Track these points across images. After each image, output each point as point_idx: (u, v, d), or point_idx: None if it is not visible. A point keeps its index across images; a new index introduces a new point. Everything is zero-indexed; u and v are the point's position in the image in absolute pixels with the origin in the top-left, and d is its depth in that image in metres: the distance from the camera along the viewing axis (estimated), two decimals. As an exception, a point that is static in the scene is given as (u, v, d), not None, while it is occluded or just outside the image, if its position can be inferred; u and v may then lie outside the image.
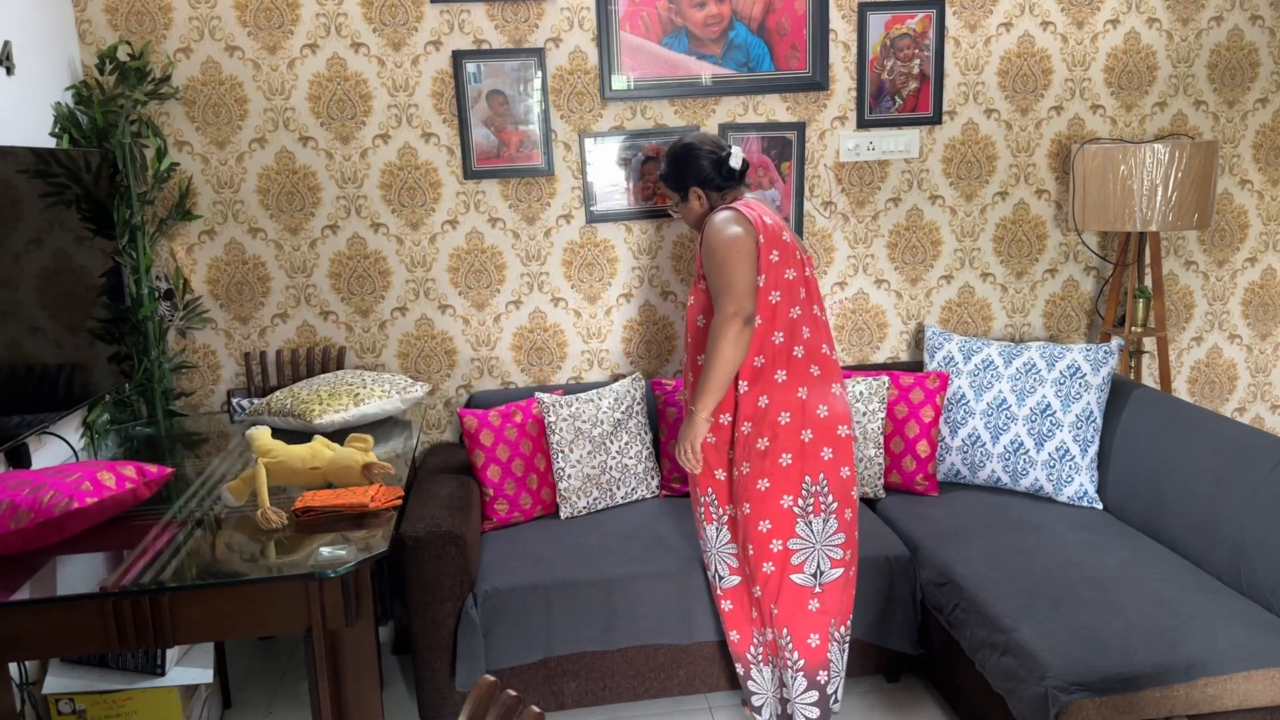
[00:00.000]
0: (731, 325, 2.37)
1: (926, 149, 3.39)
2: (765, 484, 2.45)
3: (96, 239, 2.75)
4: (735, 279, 2.39)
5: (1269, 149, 3.56)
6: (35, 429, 2.40)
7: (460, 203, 3.24)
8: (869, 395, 3.10)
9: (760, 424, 2.45)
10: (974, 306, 3.54)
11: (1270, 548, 2.37)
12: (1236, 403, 3.75)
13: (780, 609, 2.48)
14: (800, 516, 2.46)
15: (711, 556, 2.60)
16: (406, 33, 3.12)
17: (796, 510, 2.46)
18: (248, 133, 3.13)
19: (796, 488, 2.45)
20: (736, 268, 2.40)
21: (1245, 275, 3.65)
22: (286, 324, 3.26)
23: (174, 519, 2.18)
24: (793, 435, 2.45)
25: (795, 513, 2.46)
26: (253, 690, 2.98)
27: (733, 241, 2.41)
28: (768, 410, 2.45)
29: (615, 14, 3.16)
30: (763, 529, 2.46)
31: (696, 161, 2.58)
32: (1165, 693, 2.10)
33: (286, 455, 2.21)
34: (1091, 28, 3.39)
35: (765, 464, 2.45)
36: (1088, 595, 2.42)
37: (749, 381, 2.45)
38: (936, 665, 2.77)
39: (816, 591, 2.48)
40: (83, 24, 3.00)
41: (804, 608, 2.48)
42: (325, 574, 1.89)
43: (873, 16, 3.26)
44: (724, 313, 2.38)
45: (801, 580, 2.48)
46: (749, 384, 2.45)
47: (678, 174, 2.62)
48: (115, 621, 1.88)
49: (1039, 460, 3.03)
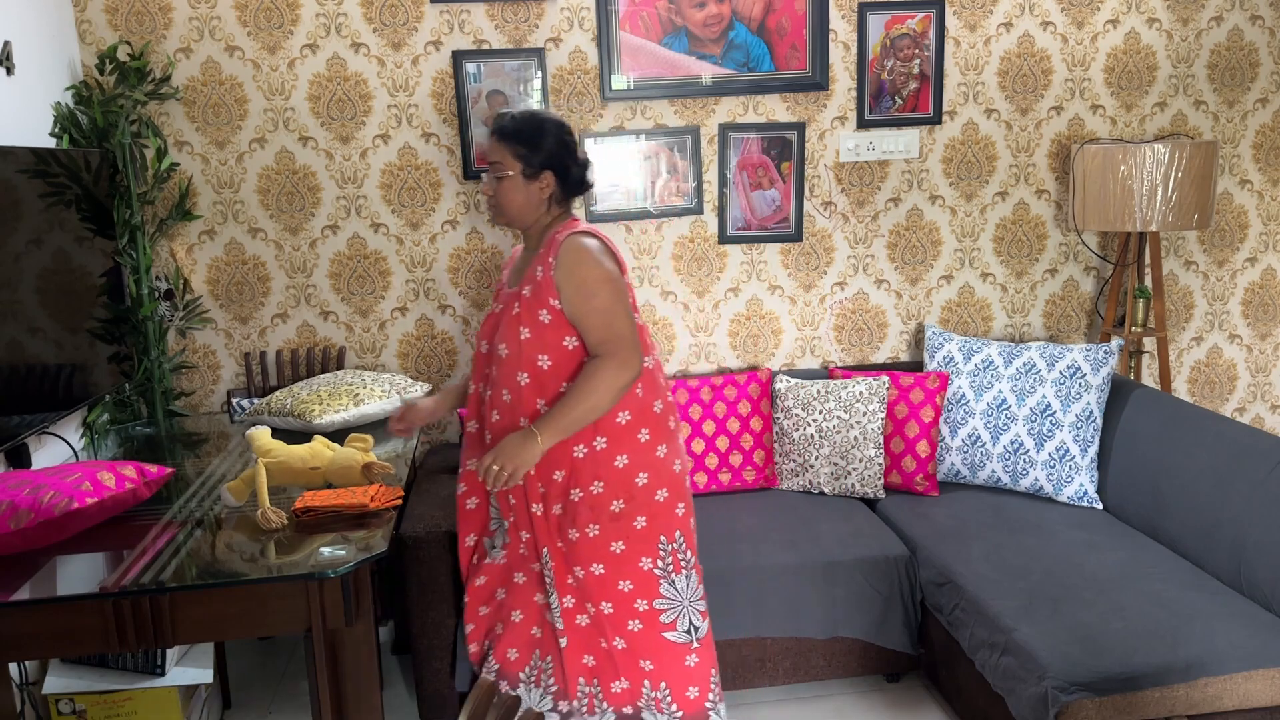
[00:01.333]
0: (621, 377, 2.07)
1: (926, 149, 3.39)
2: (620, 546, 2.19)
3: (96, 239, 2.75)
4: (625, 326, 2.09)
5: (1269, 149, 3.56)
6: (35, 429, 2.40)
7: (460, 203, 3.24)
8: (869, 395, 3.10)
9: (617, 486, 2.17)
10: (974, 306, 3.54)
11: (1270, 548, 2.37)
12: (1236, 403, 3.75)
13: (656, 664, 2.25)
14: (662, 578, 2.22)
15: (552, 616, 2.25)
16: (406, 33, 3.12)
17: (658, 572, 2.22)
18: (248, 133, 3.13)
19: (654, 550, 2.21)
20: (623, 311, 2.10)
21: (1245, 275, 3.65)
22: (286, 324, 3.26)
23: (174, 519, 2.18)
24: (649, 496, 2.20)
25: (656, 574, 2.22)
26: (253, 690, 2.98)
27: (615, 281, 2.11)
28: (626, 471, 2.17)
29: (615, 14, 3.16)
30: (624, 588, 2.21)
31: (562, 142, 2.16)
32: (1165, 693, 2.10)
33: (286, 455, 2.21)
34: (1091, 28, 3.39)
35: (619, 526, 2.18)
36: (1088, 595, 2.42)
37: (608, 439, 2.16)
38: (936, 665, 2.77)
39: (694, 647, 2.27)
40: (83, 24, 3.00)
41: (681, 663, 2.26)
42: (325, 574, 1.89)
43: (873, 16, 3.26)
44: (618, 361, 2.07)
45: (675, 638, 2.25)
46: (608, 441, 2.16)
47: (537, 144, 2.13)
48: (115, 621, 1.88)
49: (1039, 460, 3.03)
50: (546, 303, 2.11)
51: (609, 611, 2.22)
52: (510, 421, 2.17)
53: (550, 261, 2.11)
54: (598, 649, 2.25)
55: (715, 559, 2.73)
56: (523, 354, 2.13)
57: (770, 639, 2.75)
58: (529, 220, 2.20)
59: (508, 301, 2.19)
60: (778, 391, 3.22)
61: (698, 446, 3.16)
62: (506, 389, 2.16)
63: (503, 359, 2.15)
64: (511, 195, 2.15)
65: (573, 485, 2.18)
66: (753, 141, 3.30)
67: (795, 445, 3.15)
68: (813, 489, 3.15)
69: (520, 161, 2.13)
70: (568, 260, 2.09)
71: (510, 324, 2.14)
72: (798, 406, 3.15)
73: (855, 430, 3.08)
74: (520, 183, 2.14)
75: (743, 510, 3.03)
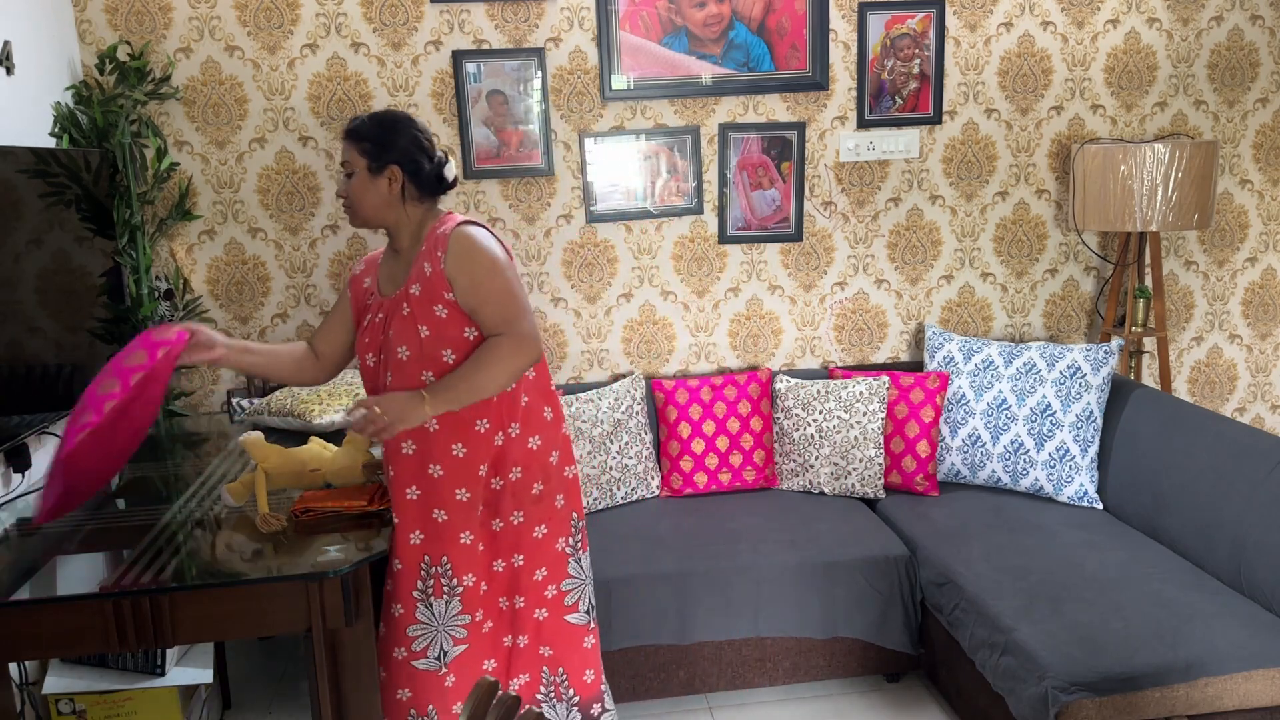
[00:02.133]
0: (519, 358, 2.03)
1: (926, 149, 3.39)
2: (543, 530, 2.19)
3: (96, 239, 2.75)
4: (521, 309, 2.06)
5: (1269, 149, 3.56)
6: (35, 429, 2.40)
7: (460, 203, 3.24)
8: (869, 395, 3.10)
9: (532, 467, 2.16)
10: (974, 306, 3.54)
11: (1270, 548, 2.37)
12: (1236, 403, 3.75)
13: (555, 649, 2.25)
14: (571, 555, 2.24)
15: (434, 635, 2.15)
16: (406, 33, 3.12)
17: (568, 551, 2.23)
18: (248, 132, 3.13)
19: (568, 528, 2.23)
20: (519, 295, 2.08)
21: (1245, 275, 3.65)
22: (286, 324, 3.26)
23: (174, 519, 2.18)
24: (560, 473, 2.22)
25: (567, 553, 2.23)
26: (253, 690, 2.98)
27: (508, 266, 2.09)
28: (539, 451, 2.17)
29: (615, 14, 3.16)
30: (539, 577, 2.21)
31: (411, 138, 2.11)
32: (1165, 693, 2.10)
33: (285, 459, 2.20)
34: (1091, 28, 3.39)
35: (540, 509, 2.18)
36: (1088, 595, 2.42)
37: (521, 424, 2.15)
38: (936, 665, 2.77)
39: (592, 627, 2.28)
40: (83, 24, 3.00)
41: (580, 645, 2.28)
42: (325, 574, 1.89)
43: (873, 16, 3.26)
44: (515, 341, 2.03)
45: (576, 619, 2.26)
46: (521, 426, 2.15)
47: (383, 141, 2.08)
48: (115, 621, 1.88)
49: (1039, 460, 3.03)
50: (441, 297, 2.05)
51: (520, 606, 2.20)
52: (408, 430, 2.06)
53: (439, 255, 2.06)
54: (500, 650, 2.21)
55: (715, 559, 2.73)
56: (424, 352, 2.06)
57: (770, 639, 2.75)
58: (388, 219, 2.13)
59: (392, 306, 2.11)
60: (778, 391, 3.22)
61: (698, 446, 3.16)
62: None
63: (403, 361, 2.08)
64: (361, 194, 2.10)
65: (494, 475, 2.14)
66: (753, 141, 3.30)
67: (795, 445, 3.15)
68: (813, 489, 3.15)
69: (365, 158, 2.08)
70: (458, 250, 2.05)
71: (405, 325, 2.07)
72: (798, 406, 3.15)
73: (855, 430, 3.08)
74: (367, 179, 2.09)
75: (743, 510, 3.03)
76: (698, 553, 2.76)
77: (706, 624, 2.68)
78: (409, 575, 2.13)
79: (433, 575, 2.13)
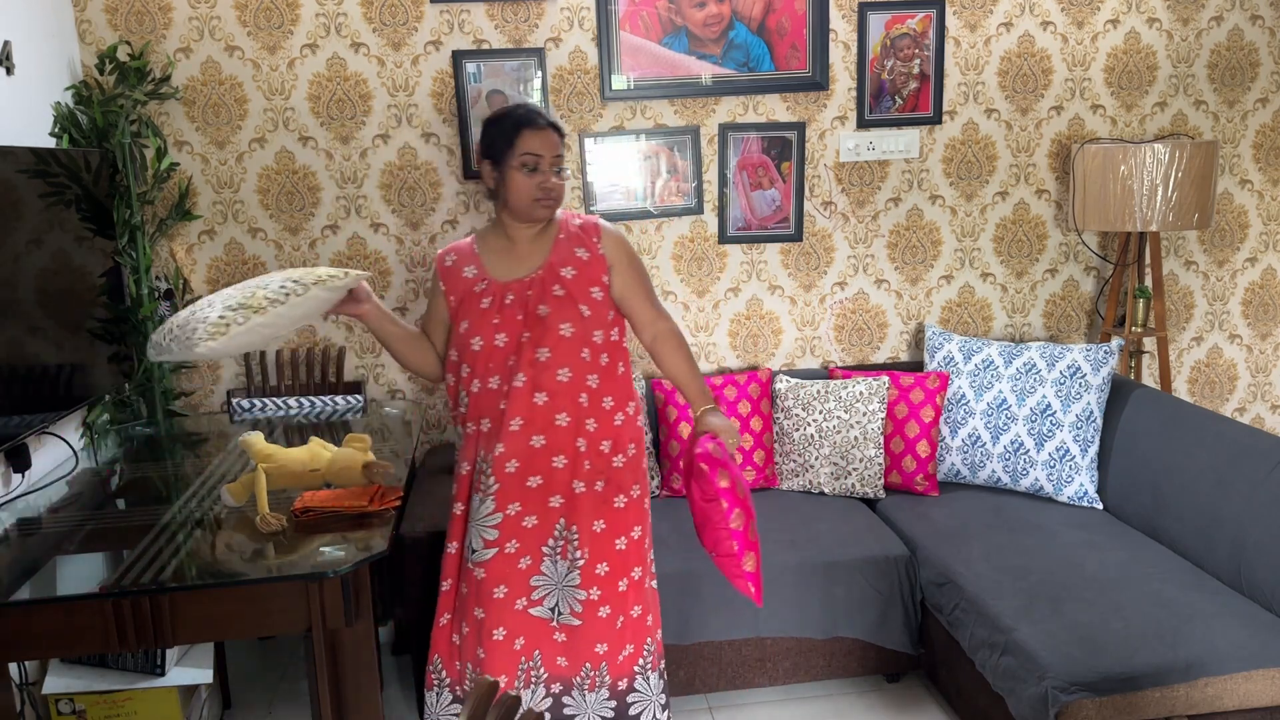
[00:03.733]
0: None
1: (926, 149, 3.39)
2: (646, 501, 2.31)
3: (96, 239, 2.75)
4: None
5: (1269, 149, 3.56)
6: (35, 429, 2.40)
7: (460, 203, 3.24)
8: (869, 395, 3.10)
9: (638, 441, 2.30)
10: (974, 306, 3.54)
11: (1270, 548, 2.37)
12: (1237, 403, 3.75)
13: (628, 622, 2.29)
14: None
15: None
16: (406, 33, 3.12)
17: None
18: (248, 133, 3.13)
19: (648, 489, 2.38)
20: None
21: (1245, 275, 3.65)
22: (286, 324, 3.26)
23: (174, 519, 2.18)
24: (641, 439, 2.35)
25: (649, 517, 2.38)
26: (253, 690, 2.98)
27: None
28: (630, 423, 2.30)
29: (615, 14, 3.16)
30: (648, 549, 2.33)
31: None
32: (1165, 693, 2.10)
33: (285, 459, 2.20)
34: (1091, 28, 3.39)
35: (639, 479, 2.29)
36: (1088, 595, 2.42)
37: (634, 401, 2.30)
38: (936, 665, 2.77)
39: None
40: (83, 24, 3.00)
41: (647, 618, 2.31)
42: (325, 574, 1.89)
43: (873, 16, 3.26)
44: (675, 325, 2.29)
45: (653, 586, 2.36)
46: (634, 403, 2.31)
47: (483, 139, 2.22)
48: (115, 621, 1.88)
49: (1039, 460, 3.03)
50: (598, 279, 2.20)
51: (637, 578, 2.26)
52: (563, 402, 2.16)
53: (594, 241, 2.21)
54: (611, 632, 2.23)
55: (715, 559, 2.73)
56: (585, 330, 2.17)
57: (770, 639, 2.75)
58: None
59: (529, 287, 2.17)
60: (778, 391, 3.22)
61: (698, 446, 3.16)
62: (567, 367, 2.16)
63: (565, 338, 2.15)
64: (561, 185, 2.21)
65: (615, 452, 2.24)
66: (753, 141, 3.30)
67: (795, 445, 3.15)
68: (813, 489, 3.15)
69: (563, 152, 2.21)
70: (613, 239, 2.24)
71: (563, 305, 2.16)
72: (798, 406, 3.15)
73: (855, 430, 3.08)
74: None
75: (743, 510, 3.02)
76: (698, 553, 2.75)
77: (706, 624, 2.68)
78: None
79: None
